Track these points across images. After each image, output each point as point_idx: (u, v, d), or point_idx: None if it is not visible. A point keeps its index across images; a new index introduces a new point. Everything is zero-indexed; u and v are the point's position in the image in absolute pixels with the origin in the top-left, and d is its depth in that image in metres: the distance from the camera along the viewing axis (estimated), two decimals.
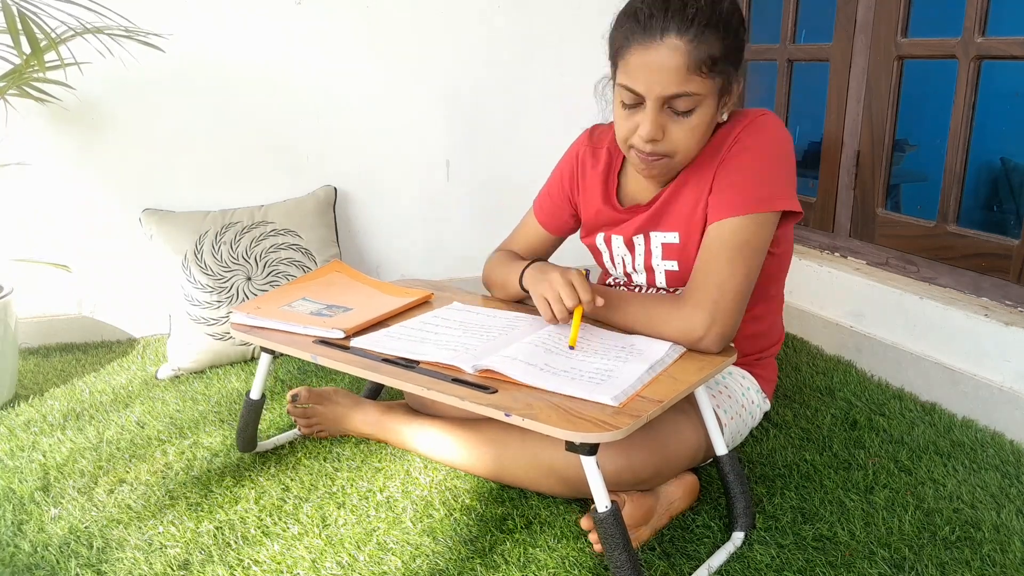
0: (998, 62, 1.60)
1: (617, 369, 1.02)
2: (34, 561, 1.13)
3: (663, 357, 1.07)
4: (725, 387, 1.31)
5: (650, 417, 0.92)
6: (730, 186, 1.13)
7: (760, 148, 1.13)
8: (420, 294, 1.36)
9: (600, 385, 0.97)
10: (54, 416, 1.60)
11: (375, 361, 1.08)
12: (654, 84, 1.06)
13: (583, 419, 0.90)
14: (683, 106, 1.08)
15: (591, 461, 0.93)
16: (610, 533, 0.94)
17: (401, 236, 2.29)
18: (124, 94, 1.94)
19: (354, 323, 1.19)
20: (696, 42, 1.04)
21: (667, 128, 1.10)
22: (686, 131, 1.10)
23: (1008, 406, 1.46)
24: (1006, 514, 1.19)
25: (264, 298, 1.31)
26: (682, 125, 1.10)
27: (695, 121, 1.09)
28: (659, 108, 1.08)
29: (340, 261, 1.52)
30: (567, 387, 0.97)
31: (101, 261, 2.02)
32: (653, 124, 1.09)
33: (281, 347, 1.17)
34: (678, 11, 1.04)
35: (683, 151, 1.13)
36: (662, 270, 1.26)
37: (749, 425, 1.36)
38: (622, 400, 0.94)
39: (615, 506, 0.94)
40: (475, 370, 1.03)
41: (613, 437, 0.88)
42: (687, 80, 1.05)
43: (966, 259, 1.66)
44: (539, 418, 0.90)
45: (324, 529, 1.19)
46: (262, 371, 1.34)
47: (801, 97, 2.14)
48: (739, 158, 1.13)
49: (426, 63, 2.17)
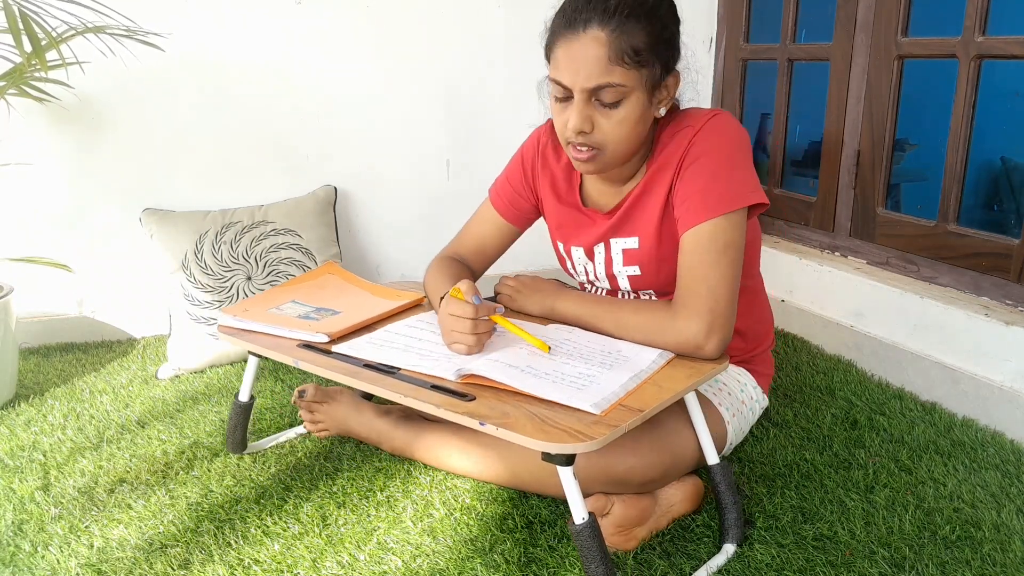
0: (998, 61, 1.60)
1: (600, 375, 1.01)
2: (34, 561, 1.13)
3: (649, 365, 1.05)
4: (724, 385, 1.31)
5: (629, 427, 0.90)
6: (697, 192, 1.13)
7: (718, 149, 1.14)
8: (411, 297, 1.35)
9: (582, 391, 0.96)
10: (54, 416, 1.60)
11: (356, 366, 1.07)
12: (578, 76, 1.07)
13: (558, 429, 0.88)
14: (609, 98, 1.08)
15: (567, 472, 0.91)
16: (586, 545, 0.93)
17: (401, 236, 2.28)
18: (124, 94, 1.94)
19: (340, 327, 1.19)
20: (617, 32, 1.05)
21: (596, 121, 1.11)
22: (614, 124, 1.10)
23: (1008, 405, 1.46)
24: (1006, 513, 1.19)
25: (253, 300, 1.31)
26: (610, 117, 1.10)
27: (622, 114, 1.10)
28: (586, 100, 1.09)
29: (333, 263, 1.51)
30: (549, 391, 0.96)
31: (101, 261, 2.02)
32: (579, 116, 1.10)
33: (265, 351, 1.16)
34: (600, 2, 1.06)
35: (613, 143, 1.12)
36: (624, 276, 1.27)
37: (750, 422, 1.36)
38: (603, 408, 0.93)
39: (592, 518, 0.93)
40: (458, 376, 1.01)
41: (588, 448, 0.86)
42: (609, 71, 1.06)
43: (966, 258, 1.66)
44: (514, 427, 0.89)
45: (324, 528, 1.19)
46: (250, 373, 1.33)
47: (801, 97, 2.14)
48: (699, 163, 1.13)
49: (426, 63, 2.17)
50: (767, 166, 2.28)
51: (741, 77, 2.33)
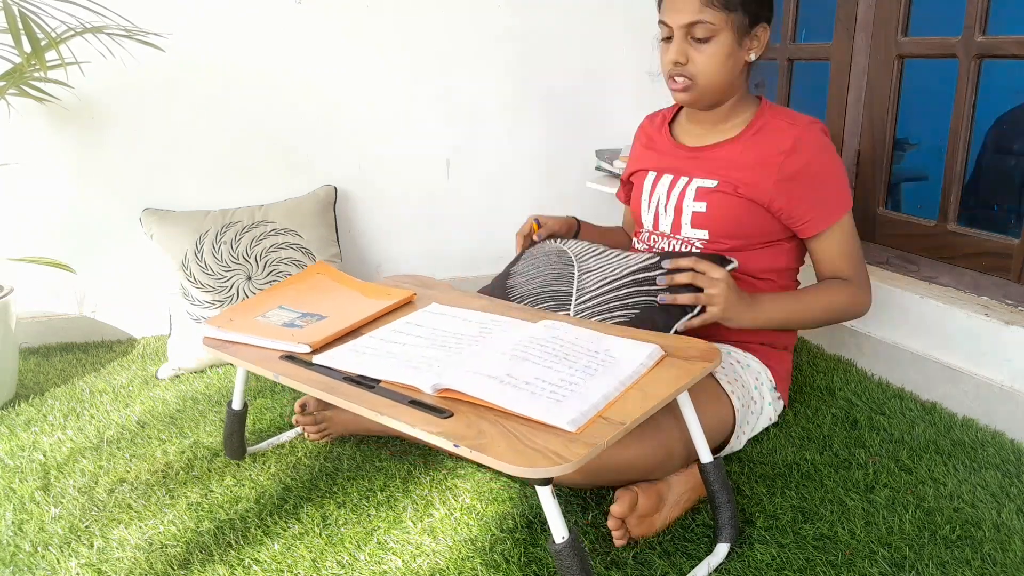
0: (999, 61, 1.60)
1: (582, 383, 0.98)
2: (34, 561, 1.13)
3: (637, 368, 1.02)
4: (737, 377, 1.32)
5: (609, 443, 0.88)
6: (820, 202, 1.34)
7: (826, 163, 1.34)
8: (402, 295, 1.33)
9: (560, 404, 0.93)
10: (55, 416, 1.60)
11: (335, 380, 1.05)
12: (675, 14, 1.30)
13: (534, 450, 0.86)
14: (701, 33, 1.29)
15: (546, 492, 0.88)
16: (567, 565, 0.90)
17: (401, 235, 2.29)
18: (124, 94, 1.94)
19: (323, 335, 1.16)
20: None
21: (690, 55, 1.31)
22: (706, 57, 1.30)
23: (1008, 405, 1.46)
24: (1006, 513, 1.19)
25: (240, 308, 1.29)
26: (702, 52, 1.30)
27: (712, 48, 1.30)
28: (683, 37, 1.30)
29: (323, 263, 1.49)
30: (525, 406, 0.93)
31: (101, 261, 2.02)
32: (676, 49, 1.31)
33: (248, 364, 1.13)
34: None
35: (704, 75, 1.32)
36: (690, 211, 1.40)
37: (760, 420, 1.37)
38: (580, 424, 0.90)
39: (572, 538, 0.90)
40: (434, 390, 0.99)
41: (564, 471, 0.83)
42: (701, 10, 1.27)
43: (967, 258, 1.66)
44: (488, 450, 0.86)
45: (324, 528, 1.19)
46: (240, 382, 1.32)
47: (801, 96, 2.14)
48: (817, 177, 1.33)
49: (426, 62, 2.18)
50: None
51: None
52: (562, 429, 0.90)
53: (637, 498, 1.11)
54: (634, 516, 1.11)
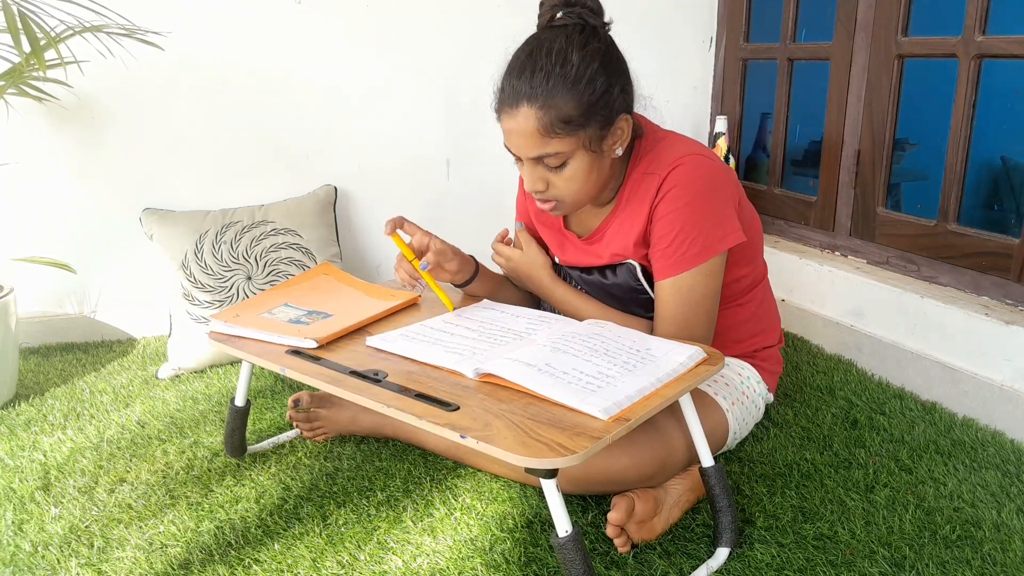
0: (999, 61, 1.60)
1: (619, 377, 0.99)
2: (34, 561, 1.13)
3: (676, 367, 1.03)
4: (721, 376, 1.31)
5: (614, 438, 0.89)
6: (670, 246, 1.20)
7: (689, 199, 1.19)
8: (405, 296, 1.34)
9: (594, 393, 0.95)
10: (55, 416, 1.60)
11: (342, 373, 1.06)
12: (519, 148, 1.17)
13: (540, 442, 0.87)
14: (553, 163, 1.16)
15: (551, 484, 0.89)
16: (570, 559, 0.90)
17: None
18: (124, 94, 1.94)
19: (329, 332, 1.18)
20: (545, 108, 1.11)
21: (548, 179, 1.19)
22: (565, 181, 1.18)
23: (1009, 405, 1.46)
24: (1007, 513, 1.19)
25: (246, 304, 1.30)
26: (560, 176, 1.18)
27: (570, 172, 1.17)
28: (534, 165, 1.18)
29: (328, 263, 1.50)
30: (559, 392, 0.95)
31: (101, 261, 2.02)
32: (530, 178, 1.19)
33: (254, 358, 1.14)
34: (526, 80, 1.12)
35: (570, 196, 1.20)
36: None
37: (753, 414, 1.36)
38: (612, 413, 0.91)
39: (575, 532, 0.91)
40: (476, 375, 1.03)
41: (569, 463, 0.84)
42: (545, 143, 1.14)
43: (967, 258, 1.66)
44: (495, 441, 0.87)
45: (324, 528, 1.19)
46: (244, 378, 1.33)
47: (802, 96, 2.14)
48: (673, 215, 1.19)
49: (426, 62, 2.17)
50: (767, 166, 2.28)
51: (741, 77, 2.33)
52: (593, 416, 0.91)
53: (634, 504, 1.11)
54: (633, 522, 1.11)
